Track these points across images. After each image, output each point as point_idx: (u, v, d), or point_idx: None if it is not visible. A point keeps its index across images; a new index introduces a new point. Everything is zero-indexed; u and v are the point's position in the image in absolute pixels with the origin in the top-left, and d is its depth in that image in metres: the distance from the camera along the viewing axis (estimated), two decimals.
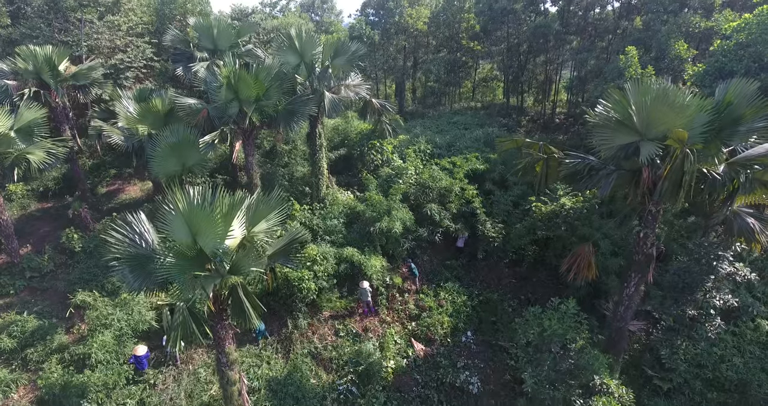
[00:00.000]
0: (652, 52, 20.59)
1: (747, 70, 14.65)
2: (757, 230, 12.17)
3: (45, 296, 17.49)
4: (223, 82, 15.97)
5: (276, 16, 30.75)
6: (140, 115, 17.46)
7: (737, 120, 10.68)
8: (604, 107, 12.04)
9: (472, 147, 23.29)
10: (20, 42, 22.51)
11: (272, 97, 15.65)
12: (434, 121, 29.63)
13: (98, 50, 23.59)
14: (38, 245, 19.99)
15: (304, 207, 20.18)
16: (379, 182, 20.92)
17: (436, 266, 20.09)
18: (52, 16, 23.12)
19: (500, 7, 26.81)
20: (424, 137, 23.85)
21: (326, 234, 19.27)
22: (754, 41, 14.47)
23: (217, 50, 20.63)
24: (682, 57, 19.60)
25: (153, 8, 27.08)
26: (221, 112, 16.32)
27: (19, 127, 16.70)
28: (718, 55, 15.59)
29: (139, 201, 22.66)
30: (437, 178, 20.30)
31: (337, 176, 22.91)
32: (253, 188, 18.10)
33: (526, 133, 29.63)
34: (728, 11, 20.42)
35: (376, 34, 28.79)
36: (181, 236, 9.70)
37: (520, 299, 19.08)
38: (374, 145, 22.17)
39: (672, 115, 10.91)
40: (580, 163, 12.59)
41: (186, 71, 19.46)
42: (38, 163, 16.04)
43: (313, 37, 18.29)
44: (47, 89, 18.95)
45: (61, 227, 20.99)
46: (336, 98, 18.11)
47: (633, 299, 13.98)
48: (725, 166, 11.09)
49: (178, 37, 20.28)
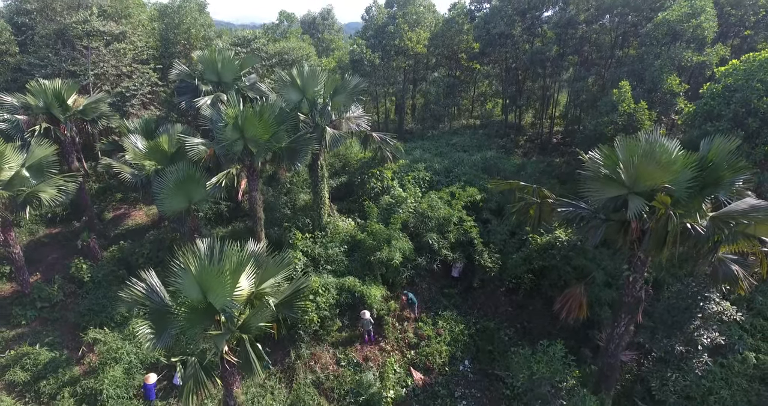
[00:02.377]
0: (645, 84, 21.12)
1: (735, 115, 15.18)
2: (741, 276, 12.68)
3: (55, 326, 18.06)
4: (228, 121, 16.52)
5: (278, 38, 31.27)
6: (147, 151, 18.00)
7: (718, 180, 11.21)
8: (594, 162, 12.59)
9: (470, 173, 23.82)
10: (29, 72, 23.12)
11: (277, 138, 16.20)
12: (433, 142, 30.17)
13: (104, 78, 24.14)
14: (47, 272, 20.58)
15: (306, 236, 20.75)
16: (380, 211, 21.46)
17: (435, 294, 20.65)
18: (59, 46, 23.65)
19: (498, 32, 27.32)
20: (423, 164, 24.37)
21: (327, 263, 19.85)
22: (741, 87, 15.01)
23: (222, 82, 21.17)
24: (675, 91, 20.15)
25: (158, 33, 27.64)
26: (226, 151, 16.87)
27: (30, 165, 17.26)
28: (707, 97, 16.13)
29: (145, 227, 23.22)
30: (436, 208, 20.86)
31: (338, 203, 23.46)
32: (257, 221, 18.65)
33: (523, 155, 30.20)
34: (719, 45, 20.97)
35: (376, 58, 29.30)
36: (192, 293, 10.25)
37: (516, 327, 19.65)
38: (374, 173, 22.70)
39: (659, 172, 11.46)
40: (572, 211, 13.13)
41: (191, 106, 20.01)
42: (49, 200, 16.57)
43: (314, 74, 18.84)
44: (56, 123, 19.50)
45: (69, 253, 21.61)
46: (337, 134, 18.67)
47: (623, 337, 14.53)
48: (709, 221, 11.61)
49: (184, 71, 20.82)
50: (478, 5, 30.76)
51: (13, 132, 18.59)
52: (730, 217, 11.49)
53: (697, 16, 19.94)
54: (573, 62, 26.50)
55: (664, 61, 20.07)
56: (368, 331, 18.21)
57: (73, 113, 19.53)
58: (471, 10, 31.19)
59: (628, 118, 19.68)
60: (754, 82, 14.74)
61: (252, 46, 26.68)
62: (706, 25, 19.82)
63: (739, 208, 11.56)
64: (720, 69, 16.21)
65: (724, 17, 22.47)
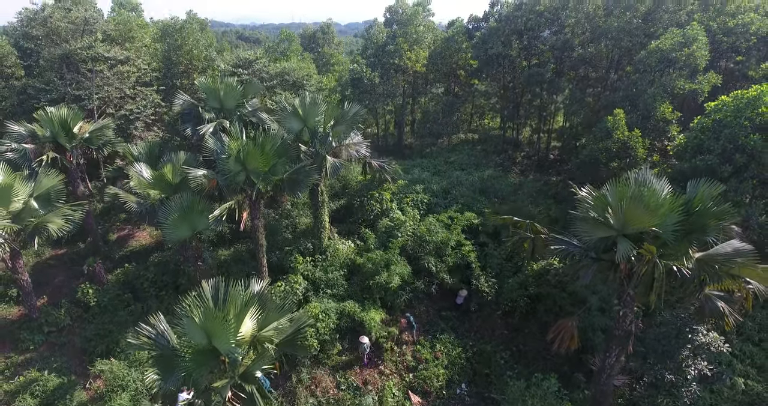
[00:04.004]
0: (639, 109, 21.56)
1: (723, 150, 15.63)
2: (726, 312, 13.15)
3: (63, 351, 18.53)
4: (231, 153, 16.98)
5: (278, 56, 31.72)
6: (152, 181, 18.46)
7: (704, 227, 11.66)
8: (584, 203, 13.05)
9: (468, 195, 24.28)
10: (35, 96, 23.58)
11: (277, 171, 16.65)
12: (432, 160, 30.63)
13: (108, 100, 24.59)
14: (54, 295, 21.06)
15: (306, 259, 21.22)
16: (378, 234, 21.92)
17: (433, 317, 21.09)
18: (64, 70, 24.09)
19: (495, 53, 27.77)
20: (421, 186, 24.82)
21: (328, 287, 20.32)
22: (729, 124, 15.44)
23: (224, 109, 21.62)
24: (668, 118, 20.59)
25: (160, 54, 28.09)
26: (229, 181, 17.31)
27: (38, 194, 17.73)
28: (697, 131, 16.58)
29: (149, 249, 23.68)
30: (434, 232, 21.31)
31: (338, 225, 23.92)
32: (258, 248, 19.10)
33: (520, 172, 30.65)
34: (711, 73, 21.39)
35: (376, 76, 29.75)
36: (197, 337, 10.71)
37: (512, 350, 20.07)
38: (373, 195, 23.16)
39: (646, 217, 11.91)
40: (564, 250, 13.59)
41: (195, 133, 20.47)
42: (57, 231, 17.02)
43: (315, 104, 19.30)
44: (63, 151, 19.96)
45: (75, 275, 22.10)
46: (337, 162, 19.11)
47: (614, 367, 15.00)
48: (695, 263, 12.07)
49: (188, 101, 21.28)
50: (476, 24, 31.18)
51: (20, 161, 19.05)
52: (715, 260, 11.95)
53: (690, 45, 20.37)
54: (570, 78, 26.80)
55: (657, 89, 20.51)
56: (367, 355, 18.67)
57: (79, 142, 19.96)
58: (469, 29, 31.61)
59: (622, 145, 20.13)
60: (742, 119, 15.18)
61: (253, 67, 27.09)
62: (698, 54, 20.25)
63: (725, 250, 12.02)
64: (710, 104, 16.65)
65: (717, 43, 22.91)
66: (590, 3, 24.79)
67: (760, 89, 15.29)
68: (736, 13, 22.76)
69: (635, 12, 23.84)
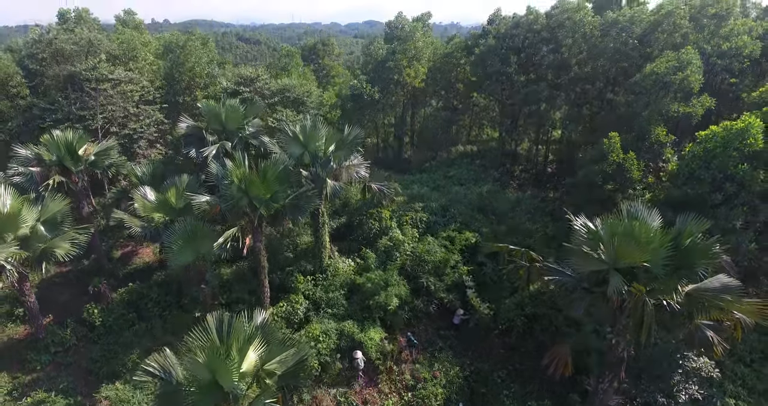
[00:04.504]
0: (633, 131, 21.96)
1: (713, 179, 16.03)
2: (715, 342, 13.54)
3: (69, 371, 18.92)
4: (233, 180, 17.38)
5: (280, 72, 32.13)
6: (156, 205, 18.87)
7: (692, 265, 12.06)
8: (578, 236, 13.45)
9: (466, 214, 24.68)
10: (40, 116, 23.98)
11: (279, 198, 17.05)
12: (431, 174, 31.05)
13: (112, 119, 24.99)
14: (60, 314, 21.43)
15: (307, 278, 21.65)
16: (378, 254, 22.34)
17: (432, 335, 21.48)
18: (69, 89, 24.49)
19: (494, 70, 28.15)
20: (420, 204, 25.20)
21: (328, 307, 20.73)
22: (719, 154, 15.84)
23: (226, 131, 22.03)
24: (662, 141, 20.99)
25: (163, 72, 28.49)
26: (232, 206, 17.72)
27: (45, 219, 18.14)
28: (688, 159, 16.98)
29: (152, 267, 24.07)
30: (432, 252, 21.73)
31: (338, 243, 24.31)
32: (260, 270, 19.51)
33: (518, 187, 31.05)
34: (705, 96, 21.77)
35: (375, 92, 30.14)
36: (201, 374, 11.09)
37: (509, 369, 20.44)
38: (373, 213, 23.56)
39: (637, 254, 12.33)
40: (558, 281, 13.99)
41: (198, 155, 20.89)
42: (64, 256, 17.43)
43: (316, 128, 19.71)
44: (68, 174, 20.37)
45: (80, 293, 22.47)
46: (338, 186, 19.54)
47: (608, 392, 15.42)
48: (684, 298, 12.48)
49: (191, 125, 21.69)
50: (474, 41, 31.54)
51: (27, 185, 19.44)
52: (704, 295, 12.36)
53: (684, 69, 20.75)
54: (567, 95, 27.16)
55: (652, 112, 20.91)
56: (361, 369, 19.04)
57: (84, 165, 20.37)
58: (468, 45, 31.99)
59: (617, 167, 20.52)
60: (730, 150, 15.58)
61: (255, 85, 27.49)
62: (692, 78, 20.62)
63: (713, 286, 12.45)
64: (701, 133, 17.04)
65: (711, 65, 23.28)
66: (587, 23, 25.17)
67: (747, 121, 15.68)
68: (730, 36, 23.14)
69: (631, 33, 24.24)
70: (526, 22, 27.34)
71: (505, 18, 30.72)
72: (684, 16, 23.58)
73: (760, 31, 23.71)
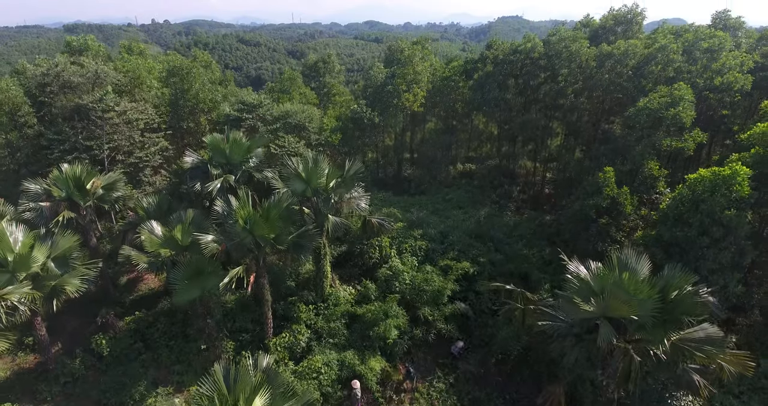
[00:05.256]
0: (627, 164, 22.55)
1: (701, 223, 16.62)
2: (701, 385, 14.15)
3: (78, 402, 19.51)
4: (239, 220, 17.97)
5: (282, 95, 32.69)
6: (163, 241, 19.44)
7: (679, 320, 12.66)
8: (571, 285, 14.06)
9: (464, 241, 25.28)
10: (48, 147, 24.54)
11: (283, 240, 17.63)
12: (430, 197, 31.64)
13: (119, 148, 25.54)
14: (68, 343, 22.03)
15: (309, 307, 22.26)
16: (378, 283, 22.94)
17: (430, 364, 22.09)
18: (75, 118, 25.02)
19: (492, 97, 28.73)
20: (419, 231, 25.78)
21: (330, 336, 21.34)
22: (706, 199, 16.43)
23: (230, 163, 22.60)
24: (655, 175, 21.58)
25: (167, 98, 29.03)
26: (237, 245, 18.30)
27: (55, 256, 18.71)
28: (677, 201, 17.56)
29: (158, 293, 24.63)
30: (430, 281, 22.32)
31: (339, 270, 24.91)
32: (264, 303, 20.13)
33: (516, 209, 31.63)
34: (696, 131, 22.35)
35: (375, 116, 30.71)
36: None
37: (506, 398, 21.07)
38: (373, 243, 24.15)
39: (625, 308, 12.91)
40: (551, 326, 14.59)
41: (203, 190, 21.46)
42: (73, 292, 18.01)
43: (318, 165, 20.29)
44: (77, 207, 20.94)
45: (87, 320, 23.03)
46: (339, 222, 20.11)
47: None
48: (670, 347, 13.07)
49: (196, 160, 22.26)
50: (473, 65, 32.11)
51: (37, 220, 20.01)
52: (689, 345, 12.96)
53: (676, 105, 21.32)
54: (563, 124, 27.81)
55: (646, 147, 21.50)
56: (359, 400, 19.63)
57: (92, 199, 20.93)
58: (467, 69, 32.56)
59: (611, 201, 21.11)
60: (718, 196, 16.17)
61: (257, 111, 28.04)
62: (684, 115, 21.19)
63: (697, 336, 13.06)
64: (690, 176, 17.62)
65: (703, 98, 23.84)
66: (583, 54, 25.73)
67: (734, 167, 16.27)
68: (722, 70, 23.69)
69: (625, 66, 24.80)
70: (524, 50, 27.90)
71: (503, 43, 31.28)
72: (677, 50, 24.14)
73: (751, 65, 24.27)
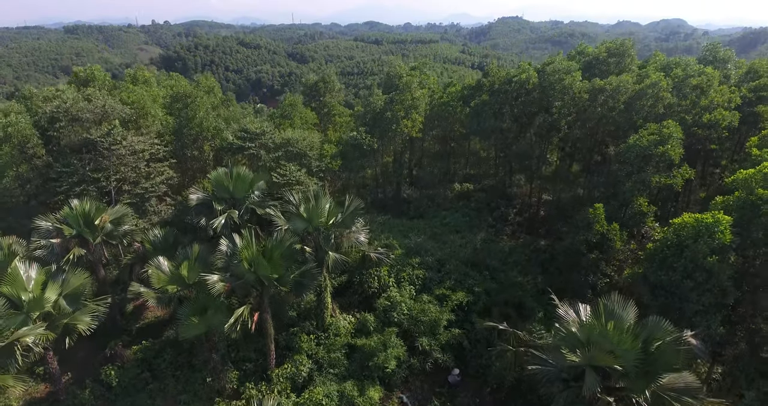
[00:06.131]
0: (617, 199, 23.35)
1: (684, 268, 17.42)
2: None
3: None
4: (242, 260, 18.77)
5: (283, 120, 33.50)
6: (170, 278, 20.23)
7: (660, 373, 13.47)
8: (559, 333, 14.86)
9: (460, 270, 26.10)
10: (57, 179, 25.31)
11: (286, 281, 18.43)
12: (428, 221, 32.42)
13: (125, 180, 26.31)
14: (78, 373, 22.80)
15: (311, 337, 23.08)
16: (377, 314, 23.75)
17: (427, 393, 22.89)
18: (83, 151, 25.78)
19: (489, 126, 29.51)
20: (417, 259, 26.57)
21: (330, 366, 22.15)
22: (690, 246, 17.22)
23: (234, 198, 23.39)
24: (644, 211, 22.37)
25: (171, 127, 29.81)
26: (242, 283, 19.10)
27: (66, 293, 19.50)
28: (663, 244, 18.36)
29: (163, 321, 25.43)
30: (427, 312, 23.13)
31: (339, 298, 25.71)
32: (267, 336, 20.93)
33: (511, 234, 32.42)
34: (685, 167, 23.13)
35: (375, 142, 31.49)
36: None
37: None
38: (372, 273, 24.95)
39: (610, 358, 13.73)
40: (541, 370, 15.37)
41: (208, 226, 22.26)
42: (85, 330, 18.81)
43: (318, 203, 21.10)
44: (86, 243, 21.74)
45: (95, 348, 23.81)
46: (339, 258, 20.92)
47: None
48: (651, 395, 13.87)
49: (200, 197, 23.04)
50: (470, 92, 32.87)
51: (48, 257, 20.79)
52: (669, 395, 13.75)
53: (665, 143, 22.10)
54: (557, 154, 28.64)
55: (635, 184, 22.29)
56: None
57: (101, 236, 21.72)
58: (464, 95, 33.32)
59: (601, 237, 21.91)
60: (701, 243, 16.96)
61: (260, 140, 28.81)
62: (673, 153, 21.97)
63: (677, 385, 13.85)
64: (675, 220, 18.40)
65: (691, 134, 24.61)
66: (576, 89, 26.50)
67: (717, 215, 17.05)
68: (710, 107, 24.44)
69: (616, 101, 25.55)
70: (519, 81, 28.66)
71: (499, 70, 32.04)
72: (667, 88, 24.90)
73: (738, 101, 25.04)
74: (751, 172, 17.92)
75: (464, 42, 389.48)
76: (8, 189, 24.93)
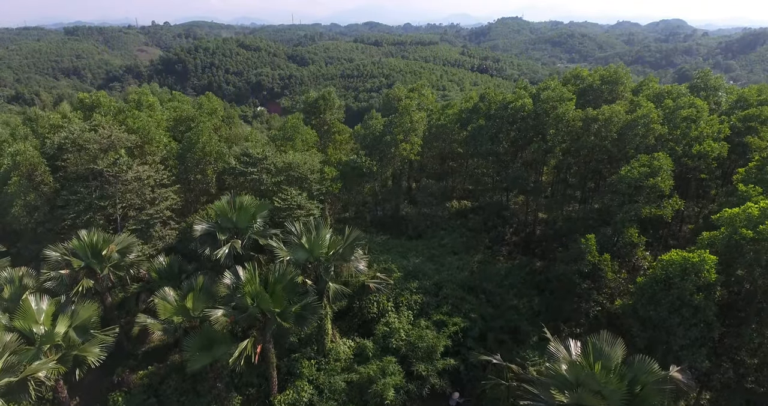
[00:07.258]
0: (609, 228, 24.04)
1: (672, 304, 18.13)
2: None
3: None
4: (246, 294, 19.47)
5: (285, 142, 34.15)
6: (176, 309, 20.93)
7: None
8: (548, 373, 15.56)
9: (457, 295, 26.80)
10: (64, 206, 25.99)
11: (288, 316, 19.13)
12: (426, 241, 33.12)
13: (131, 206, 27.01)
14: (85, 398, 23.56)
15: (311, 362, 23.78)
16: (376, 340, 24.46)
17: None
18: (90, 179, 26.46)
19: (485, 150, 30.19)
20: (415, 282, 27.26)
21: (330, 392, 22.85)
22: (677, 284, 17.94)
23: (237, 228, 24.07)
24: (634, 242, 23.08)
25: (175, 152, 30.48)
26: (245, 316, 19.79)
27: (76, 325, 20.20)
28: (651, 280, 19.07)
29: (168, 345, 26.12)
30: (425, 337, 23.83)
31: (339, 321, 26.41)
32: (269, 364, 21.64)
33: (508, 254, 33.13)
34: (675, 198, 23.82)
35: (374, 165, 32.17)
36: None
37: None
38: (371, 299, 25.65)
39: (596, 399, 14.43)
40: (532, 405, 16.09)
41: (212, 256, 22.95)
42: (95, 361, 19.51)
43: (319, 235, 21.76)
44: (94, 274, 22.44)
45: (102, 374, 24.51)
46: (339, 289, 21.61)
47: None
48: None
49: (204, 228, 23.71)
50: (467, 115, 33.55)
51: (58, 288, 21.50)
52: None
53: (655, 175, 22.79)
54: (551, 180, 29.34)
55: (626, 215, 22.98)
56: None
57: (108, 268, 22.43)
58: (462, 118, 34.00)
59: (593, 267, 22.61)
60: (688, 281, 17.66)
61: (262, 164, 29.48)
62: (663, 185, 22.66)
63: None
64: (663, 257, 19.11)
65: (682, 164, 25.30)
66: (570, 118, 27.18)
67: (702, 254, 17.75)
68: (700, 138, 25.11)
69: (609, 131, 26.23)
70: (515, 107, 29.34)
71: (496, 94, 32.74)
72: (657, 120, 25.59)
73: (727, 132, 25.74)
74: (736, 212, 18.60)
75: (464, 43, 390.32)
76: (17, 217, 25.61)
